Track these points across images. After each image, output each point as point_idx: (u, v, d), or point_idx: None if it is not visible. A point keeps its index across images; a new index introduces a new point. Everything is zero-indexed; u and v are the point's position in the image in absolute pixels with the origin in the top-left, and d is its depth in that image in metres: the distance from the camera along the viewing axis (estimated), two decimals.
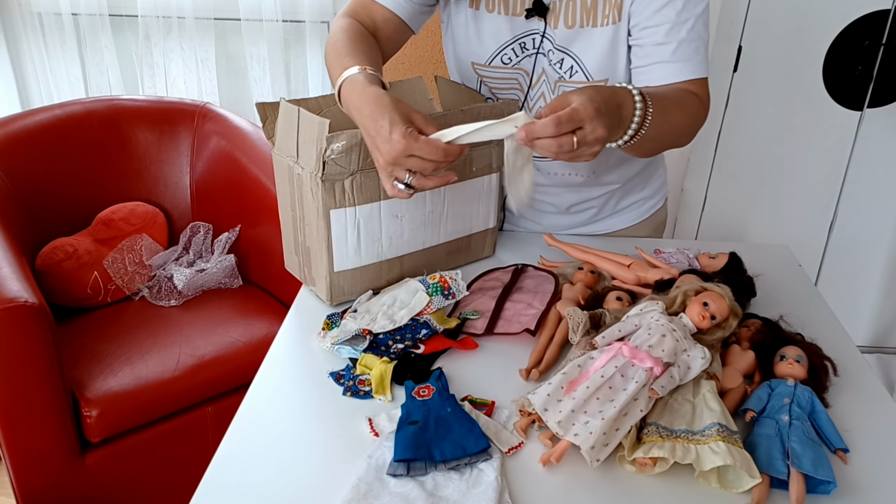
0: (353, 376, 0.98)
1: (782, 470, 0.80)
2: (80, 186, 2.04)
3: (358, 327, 1.04)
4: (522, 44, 1.20)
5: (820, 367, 0.96)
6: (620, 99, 0.95)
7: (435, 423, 0.86)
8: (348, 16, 1.21)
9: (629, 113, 0.96)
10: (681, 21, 1.11)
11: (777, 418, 0.86)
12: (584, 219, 1.40)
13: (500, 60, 1.23)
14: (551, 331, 1.05)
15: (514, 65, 1.23)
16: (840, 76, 2.25)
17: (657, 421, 0.85)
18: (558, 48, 1.18)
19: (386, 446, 0.85)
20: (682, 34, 1.11)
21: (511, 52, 1.21)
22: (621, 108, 0.94)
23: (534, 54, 1.21)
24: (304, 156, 1.07)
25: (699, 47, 1.13)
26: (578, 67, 1.18)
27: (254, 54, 2.30)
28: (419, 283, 1.11)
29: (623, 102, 0.95)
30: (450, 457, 0.82)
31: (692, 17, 1.11)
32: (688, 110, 1.10)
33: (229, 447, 0.87)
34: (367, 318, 1.07)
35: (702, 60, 1.14)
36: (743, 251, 1.23)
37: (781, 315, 1.08)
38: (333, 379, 0.98)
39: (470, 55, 1.25)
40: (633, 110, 0.96)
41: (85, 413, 1.58)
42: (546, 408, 0.85)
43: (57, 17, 2.25)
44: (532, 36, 1.20)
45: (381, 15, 1.21)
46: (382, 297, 1.13)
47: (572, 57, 1.18)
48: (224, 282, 2.03)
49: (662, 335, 0.89)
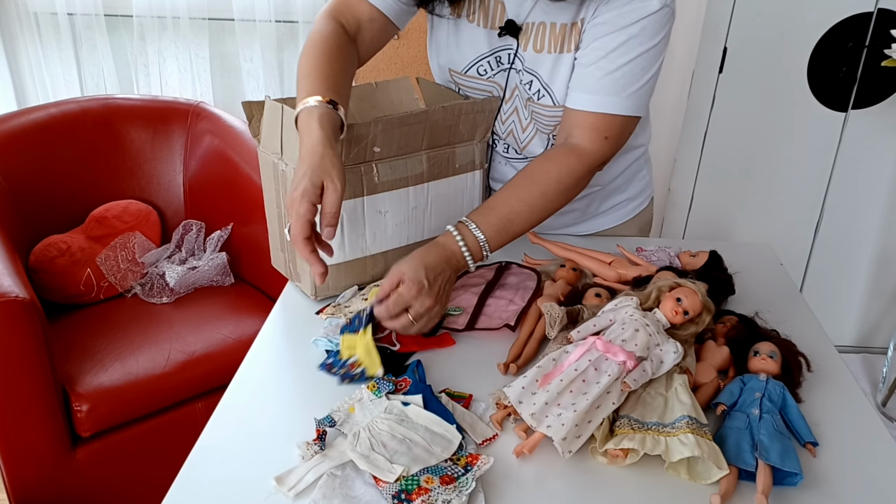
0: (341, 363, 0.99)
1: (750, 462, 0.82)
2: (74, 184, 2.06)
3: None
4: (498, 58, 1.22)
5: (793, 362, 0.98)
6: (448, 252, 1.06)
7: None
8: (331, 17, 1.19)
9: (461, 260, 1.07)
10: (616, 55, 1.09)
11: (748, 412, 0.88)
12: (568, 220, 1.41)
13: (476, 71, 1.24)
14: (531, 326, 1.07)
15: (488, 77, 1.24)
16: (824, 78, 2.27)
17: (630, 414, 0.87)
18: (527, 70, 1.19)
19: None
20: (612, 66, 1.09)
21: (487, 65, 1.23)
22: (452, 259, 1.06)
23: (507, 69, 1.22)
24: (288, 152, 1.09)
25: (629, 84, 1.10)
26: (545, 91, 1.19)
27: (247, 54, 2.32)
28: None
29: (452, 253, 1.06)
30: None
31: (633, 52, 1.08)
32: (539, 184, 1.13)
33: (209, 439, 0.89)
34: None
35: (628, 97, 1.11)
36: (726, 250, 1.24)
37: (757, 311, 1.09)
38: (325, 370, 0.99)
39: (449, 62, 1.26)
40: (463, 258, 1.07)
41: (76, 408, 1.60)
42: (521, 400, 0.87)
43: (53, 17, 2.27)
44: (507, 51, 1.21)
45: (367, 14, 1.20)
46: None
47: (539, 80, 1.19)
48: (216, 279, 2.05)
49: (636, 330, 0.90)
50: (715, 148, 2.38)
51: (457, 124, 1.19)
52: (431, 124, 1.15)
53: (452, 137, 1.20)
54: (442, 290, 1.03)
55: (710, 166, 2.41)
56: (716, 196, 2.45)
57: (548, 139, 1.26)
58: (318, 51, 1.12)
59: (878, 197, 2.42)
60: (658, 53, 1.11)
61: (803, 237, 2.48)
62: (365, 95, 1.31)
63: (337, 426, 0.87)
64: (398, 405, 0.89)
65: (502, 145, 1.33)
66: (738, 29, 2.22)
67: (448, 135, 1.19)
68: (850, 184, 2.39)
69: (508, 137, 1.30)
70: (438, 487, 0.78)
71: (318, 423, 0.87)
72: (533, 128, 1.26)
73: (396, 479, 0.79)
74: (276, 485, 0.80)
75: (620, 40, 1.08)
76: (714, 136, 2.36)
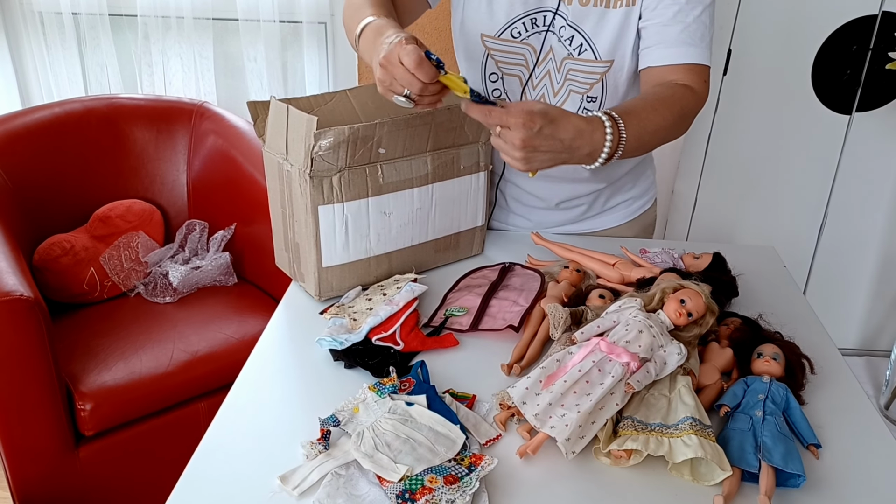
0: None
1: (753, 463, 0.82)
2: (78, 183, 2.06)
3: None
4: (534, 19, 1.23)
5: (797, 364, 0.98)
6: (587, 138, 0.98)
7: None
8: None
9: (600, 140, 0.99)
10: (689, 7, 1.15)
11: (751, 414, 0.88)
12: (572, 216, 1.42)
13: (510, 34, 1.25)
14: (534, 327, 1.07)
15: (522, 39, 1.25)
16: (829, 80, 2.27)
17: (633, 415, 0.87)
18: (570, 24, 1.21)
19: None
20: (689, 19, 1.15)
21: (521, 27, 1.24)
22: (583, 145, 0.98)
23: (544, 31, 1.24)
24: (293, 153, 1.09)
25: (704, 35, 1.17)
26: (588, 46, 1.21)
27: (251, 54, 2.32)
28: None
29: (591, 141, 0.98)
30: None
31: (700, 5, 1.16)
32: (672, 108, 1.12)
33: (213, 438, 0.89)
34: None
35: (705, 48, 1.17)
36: (729, 252, 1.25)
37: (760, 314, 1.09)
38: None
39: (480, 26, 1.26)
40: (603, 138, 0.99)
41: (79, 406, 1.60)
42: (524, 401, 0.87)
43: (57, 17, 2.27)
44: (544, 13, 1.22)
45: None
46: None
47: (582, 35, 1.21)
48: (219, 279, 2.05)
49: (639, 331, 0.90)
50: (719, 150, 2.39)
51: (461, 126, 1.19)
52: (436, 126, 1.16)
53: (457, 139, 1.20)
54: (539, 148, 0.94)
55: (714, 169, 2.42)
56: (719, 198, 2.46)
57: (581, 100, 1.27)
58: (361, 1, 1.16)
59: (882, 200, 2.42)
60: (713, 11, 1.19)
61: (807, 240, 2.48)
62: (370, 96, 1.31)
63: (341, 426, 0.87)
64: (402, 405, 0.89)
65: None
66: (742, 31, 2.23)
67: (453, 136, 1.19)
68: (854, 186, 2.40)
69: None
70: (442, 487, 0.79)
71: (323, 423, 0.87)
72: (566, 89, 1.27)
73: (400, 479, 0.79)
74: (280, 484, 0.80)
75: None
76: (718, 138, 2.37)
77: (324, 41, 2.37)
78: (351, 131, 1.06)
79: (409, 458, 0.82)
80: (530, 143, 0.93)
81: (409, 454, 0.83)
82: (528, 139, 0.92)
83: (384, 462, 0.82)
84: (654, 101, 1.10)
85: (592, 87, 1.25)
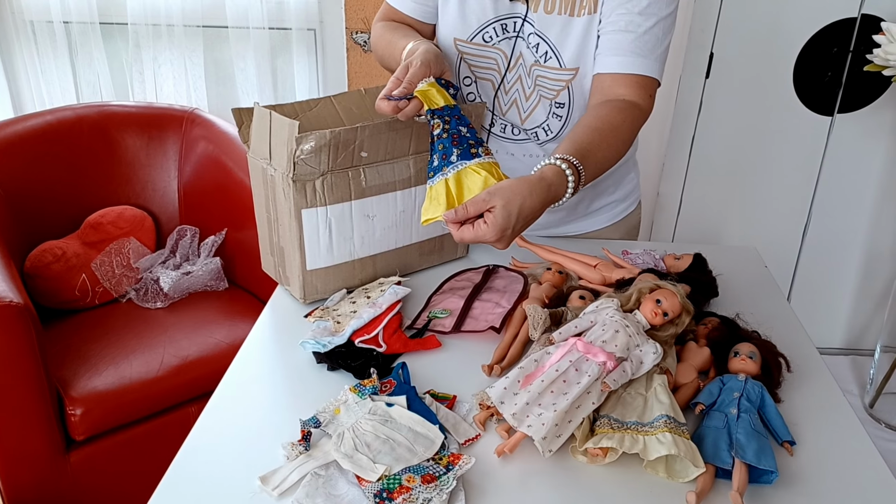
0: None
1: (727, 460, 0.83)
2: (69, 190, 2.07)
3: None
4: (504, 25, 1.25)
5: (773, 363, 0.99)
6: (552, 195, 1.03)
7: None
8: (383, 20, 1.34)
9: (561, 190, 1.04)
10: (641, 18, 1.16)
11: (726, 411, 0.89)
12: (555, 219, 1.43)
13: (481, 38, 1.27)
14: (516, 328, 1.08)
15: (493, 44, 1.27)
16: (810, 82, 2.29)
17: (610, 413, 0.88)
18: (537, 32, 1.23)
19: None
20: (641, 30, 1.16)
21: (493, 31, 1.26)
22: (552, 200, 1.03)
23: (514, 37, 1.26)
24: (276, 157, 1.11)
25: (655, 47, 1.18)
26: (553, 54, 1.23)
27: (241, 61, 2.33)
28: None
29: (555, 195, 1.04)
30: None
31: (654, 17, 1.16)
32: (622, 137, 1.15)
33: (196, 440, 0.90)
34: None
35: (655, 61, 1.18)
36: (711, 253, 1.26)
37: (738, 313, 1.10)
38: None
39: (454, 31, 1.29)
40: (565, 187, 1.04)
41: (70, 411, 1.61)
42: (502, 400, 0.88)
43: (49, 25, 2.29)
44: (514, 19, 1.24)
45: (406, 20, 1.33)
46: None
47: (547, 42, 1.23)
48: (210, 284, 2.06)
49: (616, 331, 0.92)
50: (703, 152, 2.40)
51: None
52: (418, 129, 1.17)
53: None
54: (518, 232, 1.02)
55: (699, 170, 2.43)
56: (704, 200, 2.47)
57: (550, 106, 1.29)
58: (392, 30, 1.29)
59: (865, 199, 2.44)
60: (671, 24, 1.20)
61: (791, 240, 2.50)
62: (354, 102, 1.33)
63: (322, 427, 0.88)
64: (382, 406, 0.90)
65: (500, 125, 1.35)
66: (724, 34, 2.24)
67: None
68: (837, 187, 2.41)
69: (510, 111, 1.32)
70: (420, 486, 0.80)
71: (304, 424, 0.88)
72: (536, 95, 1.29)
73: (379, 479, 0.80)
74: (260, 484, 0.81)
75: (643, 5, 1.16)
76: (702, 140, 2.38)
77: (313, 48, 2.38)
78: (332, 135, 1.07)
79: (387, 457, 0.83)
80: (508, 240, 1.00)
81: (388, 454, 0.84)
82: (507, 240, 1.00)
83: (363, 462, 0.83)
84: (608, 134, 1.12)
85: (559, 93, 1.27)
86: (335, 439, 0.86)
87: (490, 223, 0.97)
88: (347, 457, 0.83)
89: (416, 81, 1.07)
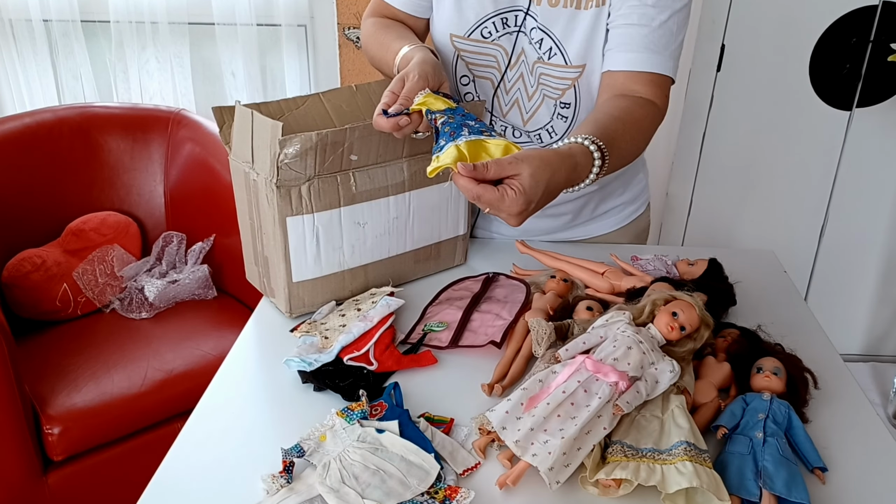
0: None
1: (754, 491, 0.76)
2: (49, 196, 2.00)
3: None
4: (504, 19, 1.17)
5: (799, 379, 0.91)
6: (576, 176, 0.93)
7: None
8: (373, 16, 1.27)
9: (584, 174, 0.95)
10: (655, 11, 1.09)
11: (751, 435, 0.82)
12: (560, 223, 1.36)
13: (479, 34, 1.19)
14: (518, 343, 1.01)
15: (493, 40, 1.19)
16: (827, 75, 2.23)
17: (623, 439, 0.80)
18: (540, 26, 1.15)
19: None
20: (654, 24, 1.09)
21: (492, 26, 1.18)
22: (575, 181, 0.94)
23: (515, 32, 1.18)
24: (258, 161, 1.03)
25: (669, 43, 1.11)
26: (557, 50, 1.16)
27: (229, 59, 2.27)
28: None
29: (578, 176, 0.94)
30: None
31: (669, 10, 1.10)
32: (644, 133, 1.08)
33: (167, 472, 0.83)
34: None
35: (669, 58, 1.11)
36: (726, 257, 1.18)
37: (760, 324, 1.03)
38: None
39: (449, 26, 1.21)
40: (588, 171, 0.95)
41: (46, 430, 1.54)
42: (504, 426, 0.80)
43: (28, 24, 2.22)
44: (515, 12, 1.16)
45: (398, 16, 1.26)
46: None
47: (552, 38, 1.15)
48: (198, 293, 1.99)
49: (628, 347, 0.84)
50: (714, 150, 2.34)
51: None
52: None
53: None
54: (535, 210, 0.90)
55: (709, 169, 2.37)
56: (715, 200, 2.41)
57: (554, 106, 1.21)
58: (383, 29, 1.21)
59: (885, 199, 2.38)
60: (685, 17, 1.13)
61: (808, 242, 2.44)
62: (345, 100, 1.25)
63: (306, 456, 0.80)
64: (372, 433, 0.82)
65: (500, 127, 1.27)
66: (735, 25, 2.18)
67: (430, 141, 1.13)
68: (855, 186, 2.35)
69: (511, 112, 1.25)
70: None
71: (286, 454, 0.80)
72: (540, 94, 1.21)
73: None
74: None
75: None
76: (713, 137, 2.32)
77: (304, 44, 2.32)
78: (319, 137, 0.99)
79: (377, 491, 0.75)
80: (526, 216, 0.88)
81: (378, 487, 0.76)
82: (525, 216, 0.87)
83: (350, 497, 0.75)
84: (630, 126, 1.04)
85: (565, 92, 1.19)
86: (320, 470, 0.78)
87: (518, 191, 0.83)
88: (333, 491, 0.76)
89: (413, 96, 0.99)
